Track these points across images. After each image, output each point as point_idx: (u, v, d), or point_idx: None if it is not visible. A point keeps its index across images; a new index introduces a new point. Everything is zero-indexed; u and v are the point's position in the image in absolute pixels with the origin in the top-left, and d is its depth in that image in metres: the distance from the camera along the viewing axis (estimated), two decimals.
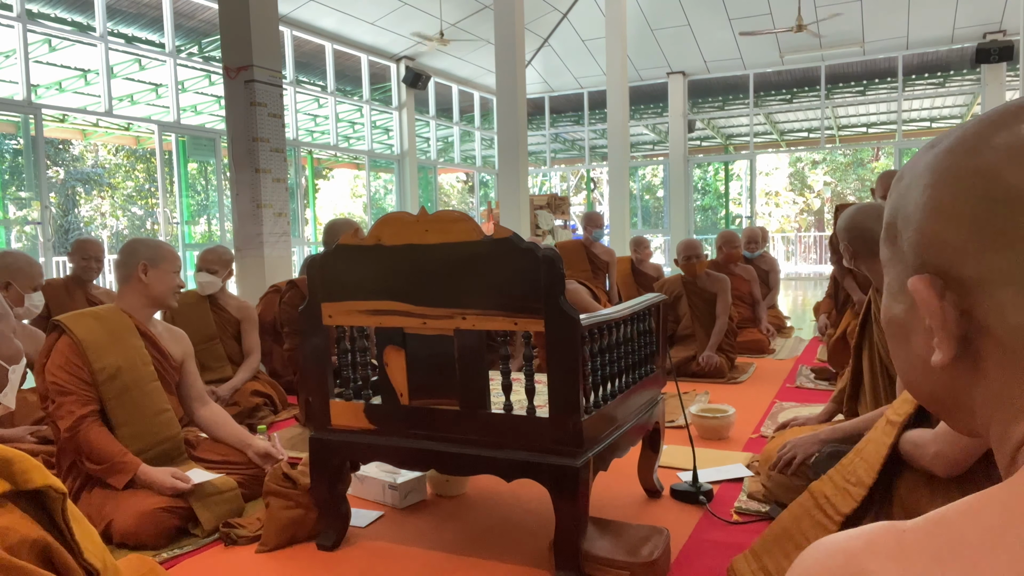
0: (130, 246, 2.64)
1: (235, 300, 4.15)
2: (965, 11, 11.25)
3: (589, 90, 14.77)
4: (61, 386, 2.38)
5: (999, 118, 0.47)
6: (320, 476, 2.23)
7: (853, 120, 16.60)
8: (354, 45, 11.57)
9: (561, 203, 12.07)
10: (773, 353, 5.41)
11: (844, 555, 0.39)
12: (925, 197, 0.48)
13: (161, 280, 2.60)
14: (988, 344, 0.45)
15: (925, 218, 0.48)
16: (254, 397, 3.84)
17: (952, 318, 0.46)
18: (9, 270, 3.14)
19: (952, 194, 0.46)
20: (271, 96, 6.43)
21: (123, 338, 2.52)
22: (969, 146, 0.47)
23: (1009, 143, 0.45)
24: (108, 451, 2.38)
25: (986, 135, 0.46)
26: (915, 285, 0.47)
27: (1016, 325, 0.44)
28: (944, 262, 0.47)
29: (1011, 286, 0.44)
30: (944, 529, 0.39)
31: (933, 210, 0.47)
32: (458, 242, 1.96)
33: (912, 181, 0.50)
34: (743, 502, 2.50)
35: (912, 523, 0.40)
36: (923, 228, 0.48)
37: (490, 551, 2.21)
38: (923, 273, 0.48)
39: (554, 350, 1.89)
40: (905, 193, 0.51)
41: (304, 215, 11.38)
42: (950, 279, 0.46)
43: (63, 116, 10.38)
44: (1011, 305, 0.44)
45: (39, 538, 0.82)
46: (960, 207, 0.46)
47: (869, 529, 0.40)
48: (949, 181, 0.47)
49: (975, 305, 0.45)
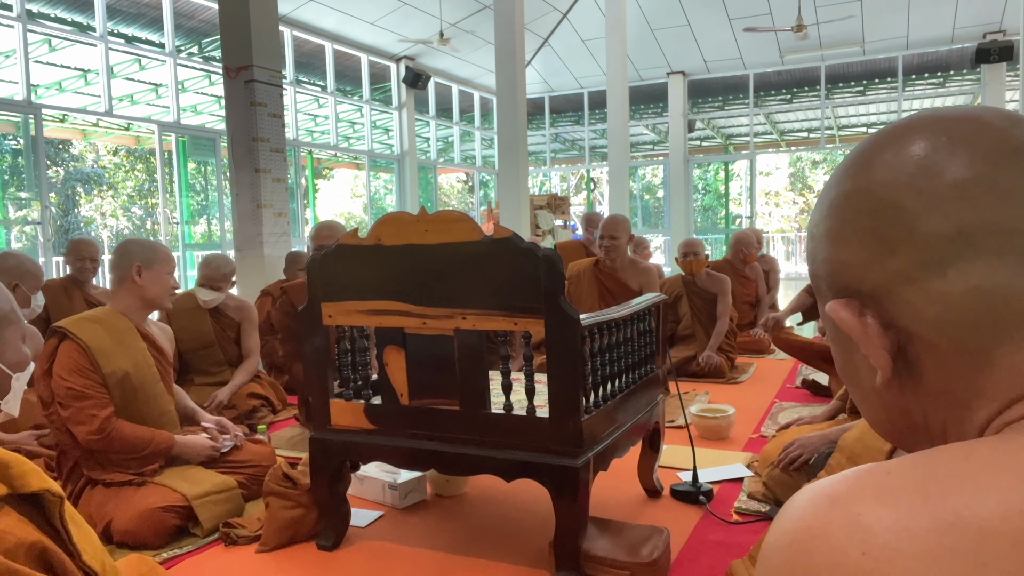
0: (124, 247, 2.62)
1: (234, 300, 4.10)
2: (965, 11, 11.25)
3: (589, 90, 14.77)
4: (77, 391, 2.37)
5: (876, 144, 0.50)
6: (320, 476, 2.23)
7: (853, 120, 16.61)
8: (354, 45, 11.57)
9: (561, 203, 12.07)
10: (773, 353, 5.40)
11: (829, 500, 0.39)
12: (823, 229, 0.51)
13: (155, 281, 2.58)
14: (917, 347, 0.46)
15: (827, 248, 0.50)
16: (251, 400, 3.81)
17: (877, 332, 0.47)
18: (17, 272, 3.16)
19: (841, 218, 0.49)
20: (271, 96, 6.43)
21: (126, 341, 2.52)
22: (847, 174, 0.50)
23: (884, 160, 0.48)
24: (144, 437, 2.44)
25: (864, 161, 0.49)
26: (833, 310, 0.48)
27: (931, 318, 0.45)
28: (853, 281, 0.48)
29: (911, 283, 0.45)
30: (930, 466, 0.39)
31: (831, 238, 0.50)
32: (458, 242, 1.95)
33: (813, 227, 0.53)
34: (743, 502, 2.50)
35: (897, 462, 0.40)
36: (828, 258, 0.50)
37: (490, 551, 2.21)
38: (834, 299, 0.49)
39: (554, 350, 1.89)
40: (811, 238, 0.53)
41: (304, 215, 11.38)
42: (863, 296, 0.48)
43: (63, 116, 10.37)
44: (918, 300, 0.45)
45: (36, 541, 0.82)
46: (849, 227, 0.48)
47: (854, 472, 0.40)
48: (836, 207, 0.49)
49: (893, 313, 0.46)
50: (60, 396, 2.38)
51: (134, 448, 2.42)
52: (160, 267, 2.59)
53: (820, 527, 0.38)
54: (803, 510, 0.39)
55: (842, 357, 0.53)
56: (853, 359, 0.52)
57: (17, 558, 0.79)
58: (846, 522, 0.37)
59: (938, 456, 0.39)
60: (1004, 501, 0.35)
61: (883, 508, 0.36)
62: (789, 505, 0.41)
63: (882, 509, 0.36)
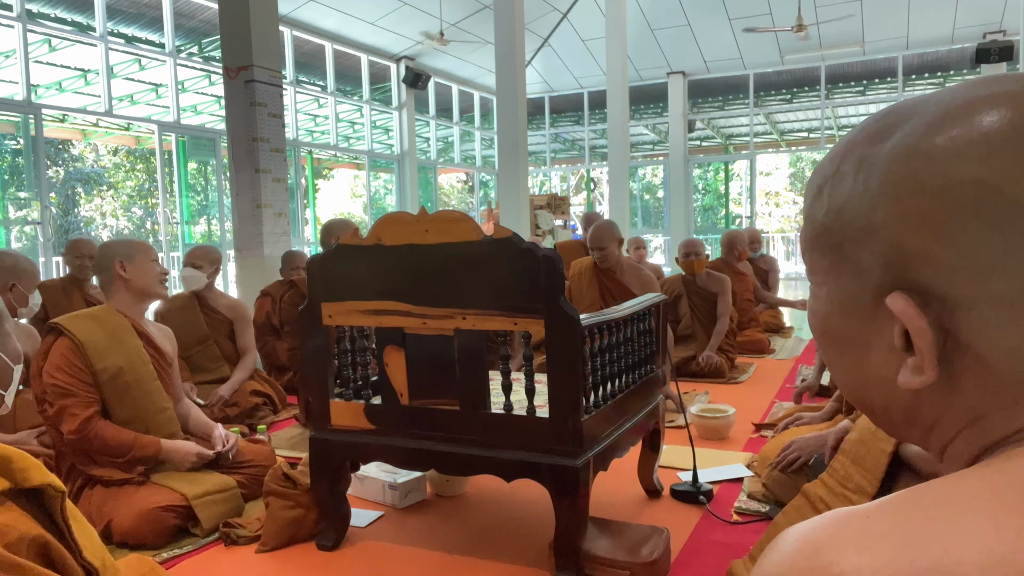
0: (101, 250, 2.65)
1: (225, 299, 4.11)
2: (965, 11, 11.25)
3: (589, 90, 14.77)
4: (62, 388, 2.37)
5: (980, 102, 0.42)
6: (320, 476, 2.23)
7: (853, 120, 16.60)
8: (354, 45, 11.57)
9: (561, 203, 12.06)
10: (773, 353, 5.41)
11: (811, 548, 0.38)
12: (901, 208, 0.43)
13: (141, 271, 2.60)
14: (969, 363, 0.42)
15: (906, 232, 0.43)
16: (253, 397, 3.83)
17: (936, 339, 0.42)
18: (14, 271, 3.16)
19: (943, 208, 0.41)
20: (271, 96, 6.43)
21: (122, 338, 2.52)
22: (951, 148, 0.41)
23: (1006, 138, 0.40)
24: (125, 441, 2.41)
25: (968, 131, 0.41)
26: (900, 306, 0.43)
27: (1008, 347, 0.41)
28: (928, 280, 0.42)
29: (1009, 308, 0.40)
30: (915, 510, 0.38)
31: (918, 224, 0.42)
32: (458, 242, 1.95)
33: (868, 185, 0.44)
34: (743, 502, 2.50)
35: (876, 507, 0.39)
36: (903, 243, 0.43)
37: (490, 551, 2.21)
38: (899, 290, 0.43)
39: (554, 350, 1.89)
40: (853, 195, 0.45)
41: (304, 215, 11.38)
42: (932, 297, 0.42)
43: (63, 116, 10.37)
44: (1007, 326, 0.41)
45: (38, 535, 0.82)
46: (953, 223, 0.41)
47: (834, 517, 0.39)
48: (935, 192, 0.41)
49: (962, 326, 0.42)
50: (47, 393, 2.39)
51: (114, 451, 2.40)
52: (141, 257, 2.60)
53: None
54: (785, 556, 0.39)
55: (849, 333, 0.48)
56: (868, 341, 0.47)
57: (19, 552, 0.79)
58: (825, 573, 0.36)
59: (924, 497, 0.38)
60: (986, 548, 0.34)
61: (862, 557, 0.36)
62: (774, 548, 0.40)
63: (861, 558, 0.36)
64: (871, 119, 0.48)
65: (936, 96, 0.45)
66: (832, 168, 0.48)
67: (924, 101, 0.45)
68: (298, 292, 4.38)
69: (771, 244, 17.09)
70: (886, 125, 0.45)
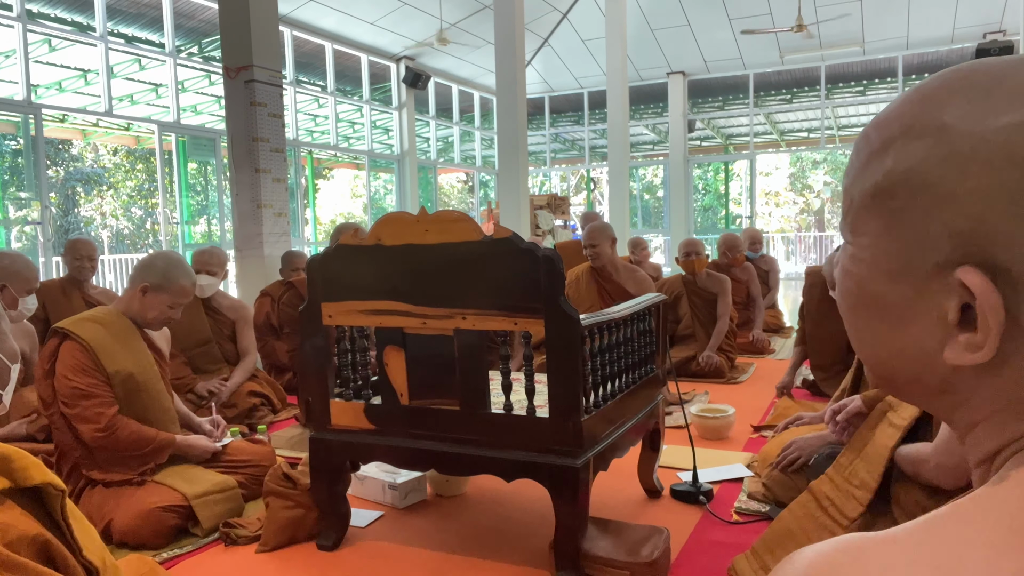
0: (149, 260, 2.62)
1: (228, 300, 4.13)
2: (965, 11, 11.25)
3: (589, 90, 14.77)
4: (82, 390, 2.38)
5: None
6: (320, 476, 2.23)
7: (853, 120, 16.59)
8: (354, 45, 11.56)
9: (561, 203, 12.06)
10: (773, 353, 5.41)
11: (830, 569, 0.37)
12: (990, 181, 0.40)
13: (155, 307, 2.57)
14: (1020, 346, 0.41)
15: (988, 208, 0.40)
16: (251, 398, 3.82)
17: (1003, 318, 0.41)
18: (5, 272, 3.12)
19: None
20: (271, 96, 6.43)
21: (128, 342, 2.54)
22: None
23: None
24: (147, 436, 2.47)
25: None
26: (976, 281, 0.41)
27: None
28: (1004, 259, 0.40)
29: None
30: (933, 541, 0.37)
31: (1008, 201, 0.40)
32: (458, 242, 1.95)
33: (956, 149, 0.42)
34: (743, 502, 2.50)
35: (895, 536, 0.38)
36: (987, 217, 0.40)
37: (490, 551, 2.21)
38: (967, 264, 0.41)
39: (554, 350, 1.89)
40: (931, 158, 0.43)
41: (304, 215, 11.38)
42: (1003, 277, 0.40)
43: (63, 116, 10.36)
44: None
45: (38, 534, 0.82)
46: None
47: (848, 544, 0.38)
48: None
49: (1023, 308, 0.40)
50: (65, 396, 2.39)
51: (138, 445, 2.45)
52: (166, 298, 2.57)
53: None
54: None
55: (893, 301, 0.46)
56: (914, 311, 0.45)
57: (20, 551, 0.79)
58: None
59: (940, 528, 0.37)
60: (1020, 571, 0.33)
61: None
62: (787, 566, 0.39)
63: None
64: (951, 76, 0.44)
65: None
66: (902, 126, 0.45)
67: (1017, 65, 0.43)
68: (296, 293, 4.39)
69: (771, 244, 17.10)
70: (972, 85, 0.43)
